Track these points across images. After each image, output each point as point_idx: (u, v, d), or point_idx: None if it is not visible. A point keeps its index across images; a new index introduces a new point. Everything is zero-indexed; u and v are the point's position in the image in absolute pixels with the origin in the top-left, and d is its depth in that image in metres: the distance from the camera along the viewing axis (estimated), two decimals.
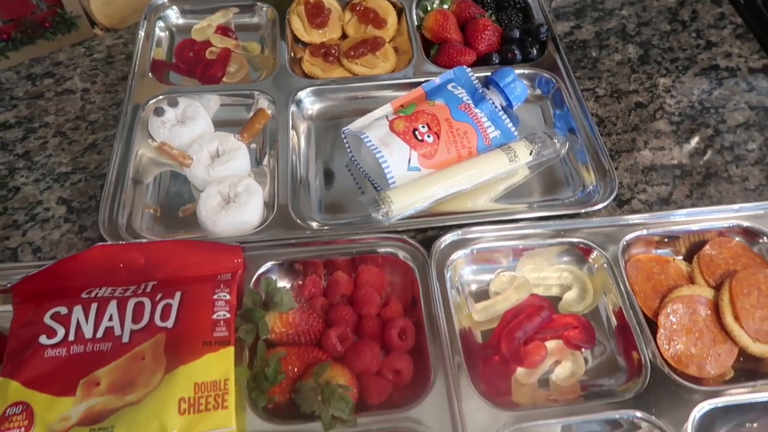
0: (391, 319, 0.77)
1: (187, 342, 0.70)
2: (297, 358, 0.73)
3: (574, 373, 0.75)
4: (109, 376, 0.68)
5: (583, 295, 0.82)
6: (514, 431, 0.68)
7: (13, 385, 0.67)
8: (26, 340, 0.70)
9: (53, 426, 0.65)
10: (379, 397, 0.72)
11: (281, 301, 0.74)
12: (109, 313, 0.72)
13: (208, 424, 0.66)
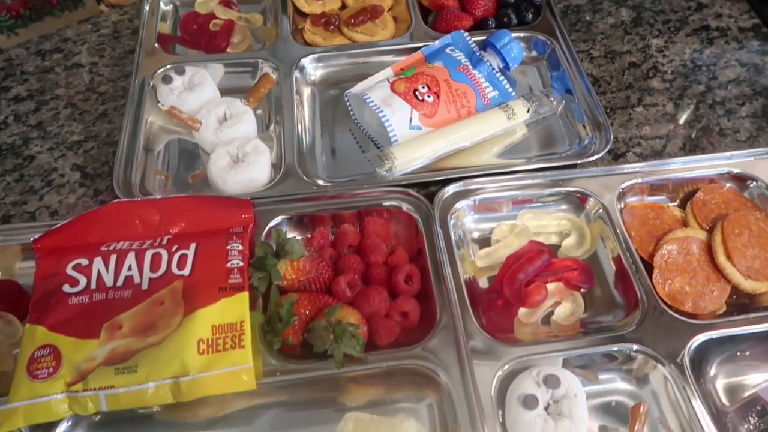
0: (397, 265, 0.81)
1: (204, 288, 0.74)
2: (309, 303, 0.76)
3: (573, 312, 0.79)
4: (131, 320, 0.71)
5: (581, 241, 0.85)
6: (518, 364, 0.72)
7: (39, 330, 0.71)
8: (50, 289, 0.74)
9: (80, 366, 0.68)
10: (388, 338, 0.76)
11: (292, 249, 0.77)
12: (127, 263, 0.76)
13: (226, 363, 0.70)
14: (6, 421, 0.66)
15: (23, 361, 0.69)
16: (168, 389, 0.68)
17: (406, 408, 0.72)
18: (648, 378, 0.73)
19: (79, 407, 0.67)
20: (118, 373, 0.68)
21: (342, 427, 0.67)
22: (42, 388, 0.67)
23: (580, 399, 0.68)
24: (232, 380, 0.69)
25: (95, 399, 0.67)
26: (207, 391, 0.69)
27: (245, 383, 0.69)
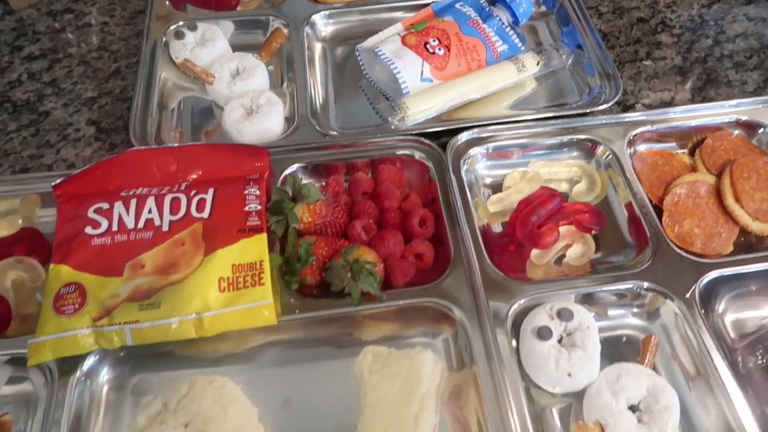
0: (411, 210, 0.82)
1: (223, 229, 0.75)
2: (325, 245, 0.78)
3: (584, 253, 0.80)
4: (153, 259, 0.73)
5: (591, 187, 0.86)
6: (531, 301, 0.74)
7: (64, 269, 0.72)
8: (73, 231, 0.75)
9: (104, 302, 0.70)
10: (404, 278, 0.77)
11: (308, 193, 0.79)
12: (148, 207, 0.77)
13: (247, 299, 0.71)
14: (35, 354, 0.68)
15: (49, 299, 0.70)
16: (191, 324, 0.70)
17: (422, 343, 0.73)
18: (658, 314, 0.75)
19: (105, 341, 0.69)
20: (142, 309, 0.70)
21: (360, 360, 0.69)
22: (68, 322, 0.69)
23: (593, 330, 0.70)
24: (253, 315, 0.71)
25: (120, 333, 0.69)
26: (229, 326, 0.71)
27: (266, 318, 0.71)
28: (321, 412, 0.70)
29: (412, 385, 0.65)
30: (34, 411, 0.70)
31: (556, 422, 0.69)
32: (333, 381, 0.72)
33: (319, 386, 0.72)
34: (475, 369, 0.70)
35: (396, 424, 0.63)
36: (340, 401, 0.71)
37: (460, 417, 0.69)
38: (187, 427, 0.65)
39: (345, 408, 0.70)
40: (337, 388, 0.72)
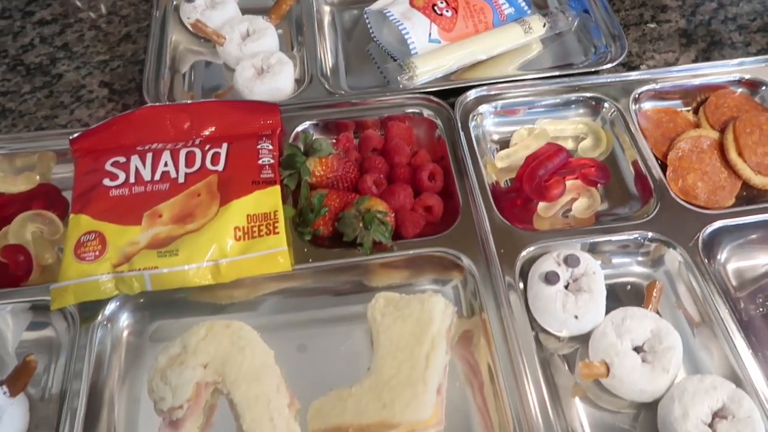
0: (420, 165, 0.84)
1: (238, 181, 0.77)
2: (337, 197, 0.79)
3: (590, 206, 0.82)
4: (170, 209, 0.75)
5: (597, 144, 0.88)
6: (538, 250, 0.75)
7: (84, 218, 0.74)
8: (91, 184, 0.77)
9: (124, 249, 0.72)
10: (414, 229, 0.79)
11: (320, 147, 0.80)
12: (163, 160, 0.79)
13: (262, 247, 0.73)
14: (57, 298, 0.70)
15: (70, 246, 0.72)
16: (208, 270, 0.72)
17: (431, 290, 0.75)
18: (662, 262, 0.77)
19: (125, 286, 0.71)
20: (160, 256, 0.72)
21: (373, 305, 0.71)
22: (90, 268, 0.71)
23: (599, 276, 0.72)
24: (269, 262, 0.73)
25: (140, 279, 0.71)
26: (244, 273, 0.73)
27: (281, 265, 0.73)
28: (334, 355, 0.73)
29: (423, 326, 0.67)
30: (56, 355, 0.73)
31: (564, 367, 0.71)
32: (345, 326, 0.75)
33: (331, 332, 0.74)
34: (484, 316, 0.72)
35: (409, 362, 0.65)
36: (352, 346, 0.73)
37: (471, 361, 0.71)
38: (206, 367, 0.67)
39: (357, 352, 0.73)
40: (350, 333, 0.74)
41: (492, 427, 0.67)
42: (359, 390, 0.65)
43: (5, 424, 0.64)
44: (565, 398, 0.68)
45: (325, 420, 0.64)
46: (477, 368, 0.71)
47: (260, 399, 0.64)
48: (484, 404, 0.68)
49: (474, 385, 0.69)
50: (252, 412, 0.64)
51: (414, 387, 0.63)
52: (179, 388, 0.65)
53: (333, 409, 0.64)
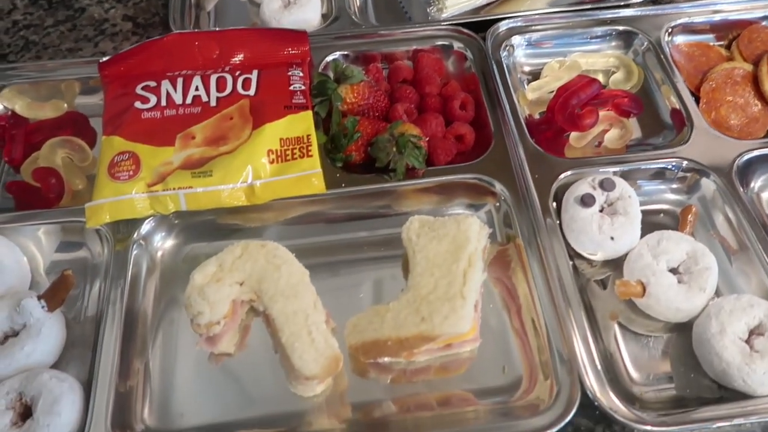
0: (451, 94, 0.83)
1: (270, 106, 0.76)
2: (369, 124, 0.79)
3: (622, 136, 0.82)
4: (203, 131, 0.74)
5: (628, 77, 0.87)
6: (572, 177, 0.75)
7: (116, 139, 0.74)
8: (122, 107, 0.77)
9: (158, 169, 0.72)
10: (446, 157, 0.78)
11: (352, 73, 0.80)
12: (194, 85, 0.78)
13: (296, 169, 0.73)
14: (93, 216, 0.70)
15: (104, 166, 0.72)
16: (242, 191, 0.72)
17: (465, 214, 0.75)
18: (697, 190, 0.76)
19: (160, 206, 0.71)
20: (194, 177, 0.71)
21: (408, 226, 0.71)
22: (124, 187, 0.71)
23: (634, 200, 0.71)
24: (303, 184, 0.73)
25: (175, 198, 0.71)
26: (279, 194, 0.72)
27: (315, 187, 0.73)
28: (366, 278, 0.73)
29: (459, 245, 0.67)
30: (91, 277, 0.73)
31: (599, 291, 0.71)
32: (377, 251, 0.75)
33: (363, 255, 0.75)
34: (518, 241, 0.72)
35: (446, 279, 0.65)
36: (384, 269, 0.73)
37: (508, 285, 0.71)
38: (242, 285, 0.67)
39: (389, 275, 0.73)
40: (381, 257, 0.74)
41: (530, 349, 0.67)
42: (397, 305, 0.65)
43: (44, 337, 0.64)
44: (601, 322, 0.69)
45: (362, 335, 0.65)
46: (514, 292, 0.71)
47: (298, 314, 0.65)
48: (522, 327, 0.68)
49: (511, 309, 0.70)
50: (290, 326, 0.64)
51: (452, 301, 0.63)
52: (217, 303, 0.65)
53: (370, 324, 0.65)
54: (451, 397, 0.66)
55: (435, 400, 0.66)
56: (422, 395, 0.66)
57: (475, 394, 0.65)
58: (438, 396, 0.66)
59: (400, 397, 0.66)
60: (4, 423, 0.59)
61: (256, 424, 0.64)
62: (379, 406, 0.65)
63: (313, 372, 0.62)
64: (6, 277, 0.68)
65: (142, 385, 0.65)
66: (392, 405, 0.65)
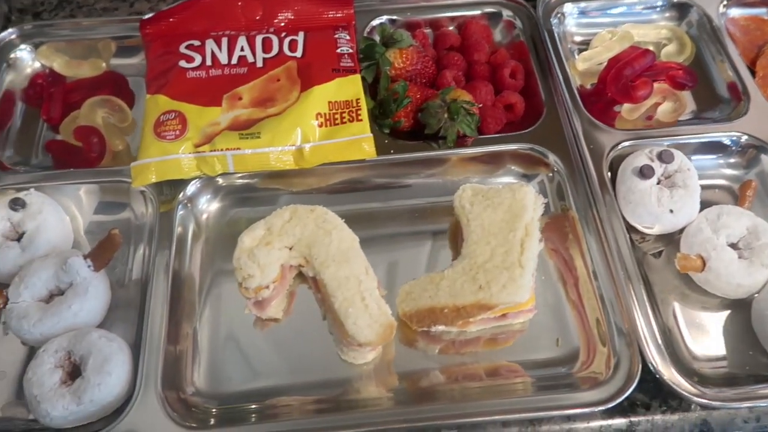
0: (501, 63, 0.81)
1: (318, 68, 0.74)
2: (418, 90, 0.77)
3: (676, 110, 0.79)
4: (250, 92, 0.72)
5: (681, 50, 0.85)
6: (626, 149, 0.73)
7: (161, 98, 0.72)
8: (166, 66, 0.75)
9: (205, 129, 0.70)
10: (496, 126, 0.76)
11: (400, 37, 0.77)
12: (239, 45, 0.76)
13: (345, 133, 0.71)
14: (139, 175, 0.69)
15: (149, 125, 0.70)
16: (290, 154, 0.70)
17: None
18: (755, 164, 0.74)
19: (207, 167, 0.69)
20: (242, 138, 0.70)
21: (460, 195, 0.69)
22: (171, 146, 0.69)
23: (693, 172, 0.70)
24: (353, 148, 0.71)
25: (222, 159, 0.69)
26: (328, 158, 0.71)
27: (366, 152, 0.71)
28: (414, 247, 0.71)
29: (515, 214, 0.65)
30: (136, 237, 0.71)
31: (657, 265, 0.69)
32: (425, 219, 0.73)
33: (410, 224, 0.73)
34: (572, 213, 0.70)
35: (503, 247, 0.63)
36: (431, 238, 0.72)
37: (565, 256, 0.70)
38: (292, 249, 0.66)
39: (437, 243, 0.72)
40: (429, 226, 0.73)
41: (587, 321, 0.65)
42: (452, 273, 0.63)
43: (90, 296, 0.63)
44: (659, 296, 0.67)
45: (416, 302, 0.63)
46: (570, 263, 0.69)
47: (350, 280, 0.63)
48: (579, 299, 0.67)
49: (567, 281, 0.68)
50: (343, 291, 0.62)
51: (510, 270, 0.62)
52: (267, 267, 0.64)
53: (424, 291, 0.63)
54: (501, 368, 0.65)
55: (484, 370, 0.65)
56: (471, 366, 0.65)
57: (528, 366, 0.64)
58: (487, 367, 0.64)
59: (448, 367, 0.64)
60: (54, 381, 0.58)
61: (303, 389, 0.63)
62: (427, 376, 0.64)
63: (368, 339, 0.60)
64: (50, 235, 0.67)
65: (191, 349, 0.64)
66: (440, 374, 0.64)
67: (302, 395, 0.63)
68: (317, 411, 0.62)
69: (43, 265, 0.63)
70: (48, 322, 0.61)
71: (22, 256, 0.65)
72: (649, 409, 0.61)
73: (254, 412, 0.61)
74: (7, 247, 0.65)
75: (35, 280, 0.63)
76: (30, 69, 0.83)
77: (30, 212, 0.67)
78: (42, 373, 0.58)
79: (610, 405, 0.58)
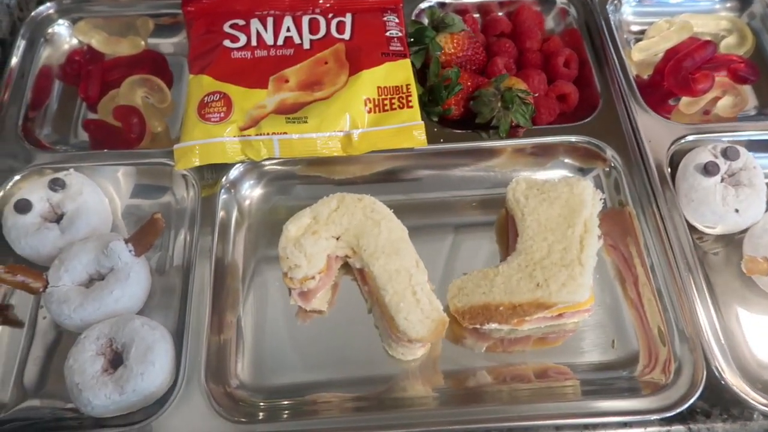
0: (554, 51, 0.78)
1: (366, 52, 0.72)
2: (469, 78, 0.74)
3: (736, 104, 0.76)
4: (297, 74, 0.70)
5: (741, 42, 0.81)
6: (688, 144, 0.70)
7: (206, 78, 0.69)
8: (210, 46, 0.72)
9: (251, 112, 0.67)
10: (549, 116, 0.73)
11: (452, 22, 0.74)
12: (285, 25, 0.73)
13: (396, 120, 0.69)
14: (182, 158, 0.66)
15: (193, 106, 0.68)
16: (338, 141, 0.67)
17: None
18: None
19: (252, 151, 0.67)
20: (289, 122, 0.67)
21: (514, 187, 0.66)
22: (215, 129, 0.66)
23: (759, 170, 0.66)
24: (404, 136, 0.68)
25: (269, 144, 0.66)
26: (378, 145, 0.68)
27: (416, 140, 0.68)
28: (462, 240, 0.69)
29: (574, 209, 0.63)
30: (176, 222, 0.69)
31: (716, 266, 0.66)
32: (474, 211, 0.71)
33: (459, 215, 0.70)
34: (629, 208, 0.68)
35: (561, 244, 0.61)
36: (479, 230, 0.69)
37: (623, 254, 0.67)
38: (339, 239, 0.63)
39: (487, 237, 0.69)
40: (478, 219, 0.70)
41: (646, 323, 0.63)
42: (507, 269, 0.61)
43: (132, 282, 0.61)
44: (720, 299, 0.64)
45: (469, 298, 0.61)
46: (629, 261, 0.66)
47: (401, 273, 0.61)
48: (638, 299, 0.64)
49: (625, 279, 0.65)
50: (394, 285, 0.60)
51: (570, 268, 0.59)
52: (314, 257, 0.61)
53: (478, 287, 0.61)
54: (551, 369, 0.62)
55: (533, 371, 0.62)
56: (520, 366, 0.62)
57: (581, 369, 0.61)
58: (537, 368, 0.62)
59: (496, 367, 0.62)
60: (95, 369, 0.56)
61: (348, 384, 0.61)
62: (474, 376, 0.62)
63: (420, 335, 0.58)
64: (90, 218, 0.65)
65: (235, 339, 0.62)
66: (488, 375, 0.62)
67: (346, 391, 0.61)
68: (359, 409, 0.60)
69: (84, 248, 0.61)
70: (89, 308, 0.59)
71: (61, 239, 0.63)
72: (710, 417, 0.58)
73: (299, 406, 0.59)
74: (46, 229, 0.63)
75: (76, 264, 0.61)
76: (67, 45, 0.81)
77: (70, 193, 0.65)
78: (84, 360, 0.56)
79: (672, 413, 0.56)
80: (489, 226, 0.70)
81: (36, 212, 0.65)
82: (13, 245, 0.64)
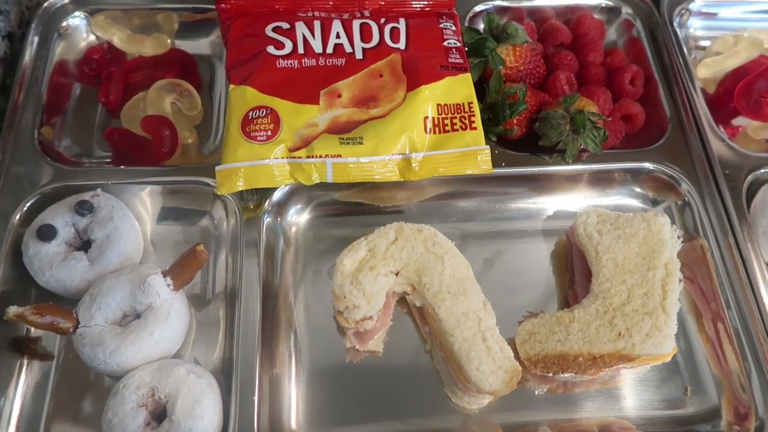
0: (619, 66, 0.72)
1: (424, 64, 0.65)
2: (532, 94, 0.68)
3: None
4: (350, 89, 0.63)
5: None
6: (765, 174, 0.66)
7: (249, 90, 0.62)
8: (252, 52, 0.64)
9: (301, 131, 0.61)
10: (614, 140, 0.68)
11: (515, 32, 0.68)
12: (335, 30, 0.66)
13: (458, 143, 0.63)
14: (226, 181, 0.59)
15: (236, 122, 0.61)
16: (396, 165, 0.61)
17: (639, 209, 0.66)
18: None
19: (302, 175, 0.60)
20: (343, 143, 0.61)
21: (585, 220, 0.61)
22: (262, 150, 0.60)
23: None
24: (468, 161, 0.62)
25: (321, 167, 0.60)
26: (439, 171, 0.62)
27: (481, 166, 0.62)
28: (523, 273, 0.64)
29: (653, 249, 0.58)
30: (215, 248, 0.63)
31: None
32: (533, 242, 0.66)
33: (518, 246, 0.66)
34: (701, 241, 0.63)
35: (642, 288, 0.56)
36: (538, 263, 0.65)
37: (701, 291, 0.63)
38: (398, 275, 0.58)
39: (548, 270, 0.64)
40: (539, 250, 0.65)
41: (725, 367, 0.59)
42: (584, 315, 0.56)
43: (172, 321, 0.55)
44: None
45: (543, 345, 0.56)
46: (703, 300, 0.62)
47: (469, 316, 0.56)
48: (717, 340, 0.60)
49: (699, 318, 0.62)
50: (462, 330, 0.55)
51: (654, 317, 0.55)
52: (374, 296, 0.56)
53: (552, 334, 0.56)
54: (616, 424, 0.58)
55: (597, 426, 0.58)
56: (583, 422, 0.58)
57: (650, 423, 0.58)
58: (600, 423, 0.58)
59: (558, 422, 0.58)
60: (137, 424, 0.50)
61: None
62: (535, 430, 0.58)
63: (493, 387, 0.53)
64: (123, 246, 0.58)
65: (288, 382, 0.57)
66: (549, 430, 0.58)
67: None
68: None
69: (118, 282, 0.55)
70: (126, 352, 0.53)
71: (91, 271, 0.57)
72: None
73: None
74: (74, 259, 0.57)
75: (109, 301, 0.54)
76: (84, 42, 0.73)
77: (98, 218, 0.58)
78: (124, 414, 0.50)
79: None
80: (547, 257, 0.65)
81: (60, 239, 0.58)
82: (35, 276, 0.57)
